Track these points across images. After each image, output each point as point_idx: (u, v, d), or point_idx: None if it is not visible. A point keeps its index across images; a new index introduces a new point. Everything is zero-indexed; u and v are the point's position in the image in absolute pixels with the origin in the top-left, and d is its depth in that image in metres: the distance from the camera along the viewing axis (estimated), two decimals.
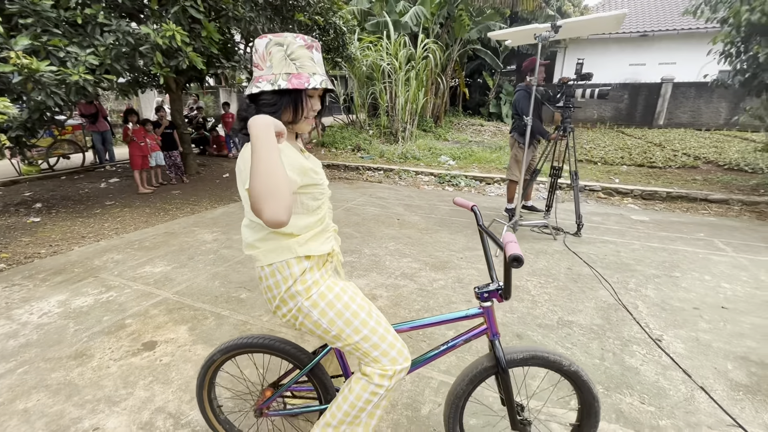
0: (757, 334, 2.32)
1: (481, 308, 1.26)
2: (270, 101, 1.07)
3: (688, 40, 14.03)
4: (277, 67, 1.06)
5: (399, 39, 9.46)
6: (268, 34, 1.09)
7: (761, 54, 4.94)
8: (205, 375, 1.43)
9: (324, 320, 1.15)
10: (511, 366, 1.25)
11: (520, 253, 1.00)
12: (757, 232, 4.21)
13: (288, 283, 1.14)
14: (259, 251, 1.15)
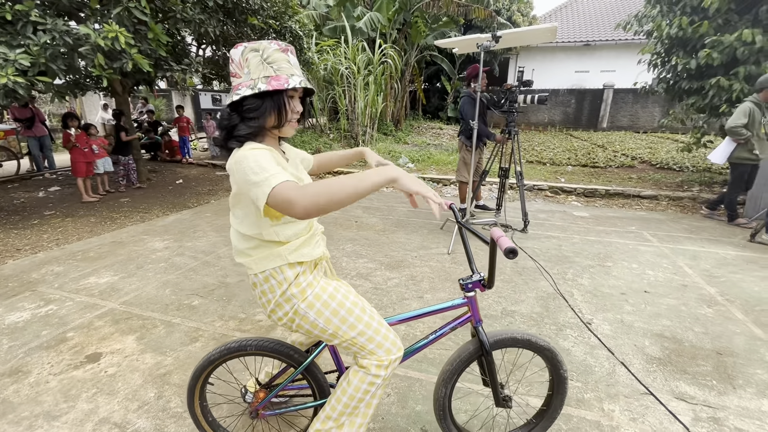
0: (671, 314, 2.61)
1: (466, 298, 1.36)
2: (253, 106, 1.07)
3: (625, 49, 15.20)
4: (255, 72, 1.07)
5: (357, 44, 9.57)
6: (242, 43, 1.10)
7: (680, 64, 5.49)
8: (195, 384, 1.40)
9: (321, 320, 1.18)
10: (494, 348, 1.36)
11: (513, 245, 1.05)
12: (679, 223, 4.68)
13: (283, 288, 1.17)
14: (250, 259, 1.18)
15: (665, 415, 1.76)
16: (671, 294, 2.89)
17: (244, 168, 0.99)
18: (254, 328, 2.40)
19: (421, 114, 16.27)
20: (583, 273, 3.24)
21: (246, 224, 1.16)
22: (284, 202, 0.92)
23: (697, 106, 5.66)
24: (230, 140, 1.09)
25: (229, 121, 1.09)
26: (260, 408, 1.42)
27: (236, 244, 1.21)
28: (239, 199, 1.14)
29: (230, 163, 1.07)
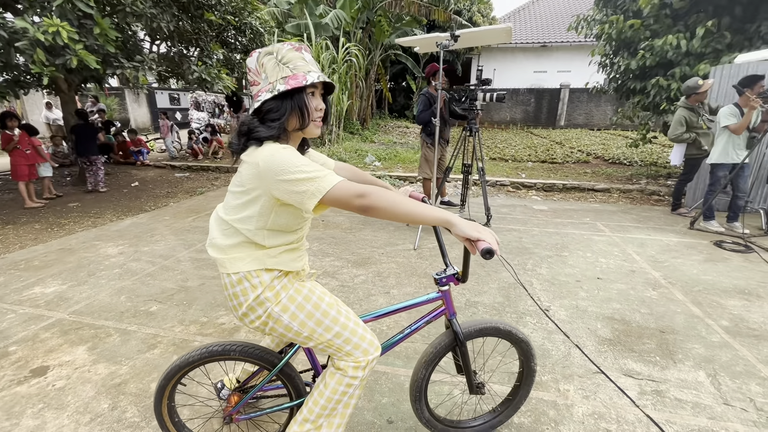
0: (621, 298, 2.79)
1: (440, 292, 1.38)
2: (273, 108, 1.06)
3: (579, 51, 15.98)
4: (272, 75, 1.07)
5: (320, 42, 9.48)
6: (256, 50, 1.10)
7: (623, 64, 5.86)
8: (162, 393, 1.34)
9: (295, 323, 1.15)
10: (468, 339, 1.40)
11: (489, 245, 1.01)
12: (629, 214, 4.99)
13: (257, 291, 1.13)
14: (226, 257, 1.14)
15: (614, 391, 1.88)
16: (621, 279, 3.08)
17: (279, 164, 0.99)
18: (217, 332, 2.34)
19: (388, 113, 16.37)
20: (542, 263, 3.39)
21: (245, 221, 1.11)
22: (354, 195, 0.97)
23: (642, 104, 6.06)
24: (249, 141, 1.07)
25: (249, 125, 1.07)
26: (234, 412, 1.38)
27: (216, 238, 1.17)
28: (254, 196, 1.08)
29: (254, 159, 1.03)
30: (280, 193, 1.01)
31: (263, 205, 1.08)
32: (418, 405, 1.46)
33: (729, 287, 2.96)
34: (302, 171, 0.97)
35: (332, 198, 0.97)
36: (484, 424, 1.60)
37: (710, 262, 3.43)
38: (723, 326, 2.43)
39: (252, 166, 1.04)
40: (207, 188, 6.38)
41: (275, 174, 0.99)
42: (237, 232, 1.13)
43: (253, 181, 1.06)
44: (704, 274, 3.19)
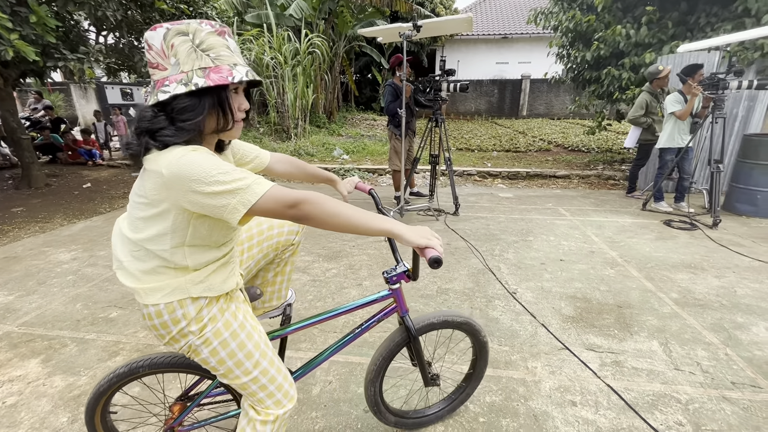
0: (582, 277, 2.94)
1: (391, 290, 1.32)
2: (188, 106, 0.86)
3: (539, 42, 16.47)
4: (187, 63, 0.86)
5: (282, 33, 9.22)
6: (162, 23, 0.87)
7: (579, 55, 6.10)
8: (93, 411, 1.26)
9: (213, 359, 1.03)
10: (420, 334, 1.39)
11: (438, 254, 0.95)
12: (588, 198, 5.24)
13: (180, 325, 0.98)
14: (140, 287, 0.95)
15: (578, 364, 1.98)
16: (582, 260, 3.24)
17: (192, 173, 0.81)
18: None
19: (354, 105, 16.23)
20: (509, 248, 3.50)
21: (157, 240, 0.93)
22: (286, 205, 0.85)
23: (597, 93, 6.35)
24: (151, 143, 0.87)
25: (153, 123, 0.86)
26: (176, 425, 1.30)
27: (124, 261, 0.96)
28: (162, 209, 0.90)
29: (157, 167, 0.84)
30: (194, 206, 0.85)
31: (176, 219, 0.90)
32: (377, 411, 1.47)
33: (677, 262, 3.18)
34: (220, 182, 0.81)
35: (261, 209, 0.84)
36: (452, 404, 1.65)
37: (661, 240, 3.67)
38: (673, 298, 2.62)
39: (155, 175, 0.85)
40: None
41: (184, 185, 0.82)
42: (150, 254, 0.94)
43: (159, 192, 0.87)
44: (656, 251, 3.42)
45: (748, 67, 4.87)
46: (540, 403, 1.74)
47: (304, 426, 1.62)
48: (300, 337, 2.20)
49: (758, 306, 2.52)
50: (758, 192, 4.29)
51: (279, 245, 1.37)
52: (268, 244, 1.36)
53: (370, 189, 1.51)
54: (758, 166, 4.24)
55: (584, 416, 1.66)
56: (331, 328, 2.29)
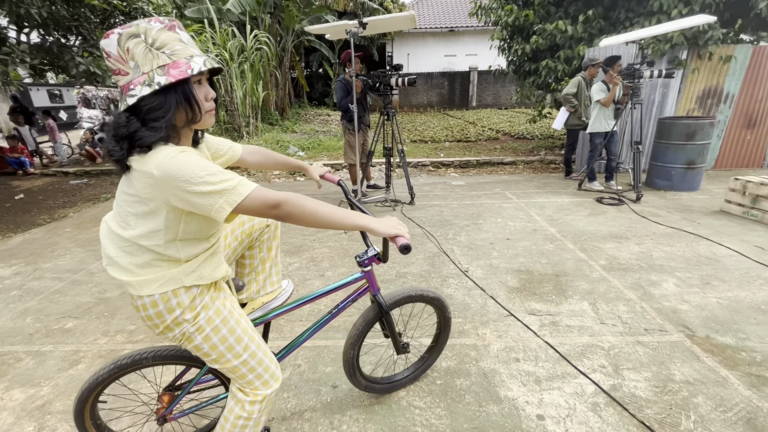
0: (526, 253, 3.24)
1: (363, 272, 1.45)
2: (155, 105, 0.90)
3: (484, 35, 17.09)
4: (145, 64, 0.89)
5: (225, 29, 8.93)
6: (113, 30, 0.89)
7: (519, 48, 6.51)
8: (82, 409, 1.29)
9: (206, 345, 1.09)
10: (391, 309, 1.54)
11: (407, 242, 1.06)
12: (531, 182, 5.66)
13: (175, 314, 1.04)
14: (135, 279, 1.00)
15: (521, 327, 2.24)
16: (526, 238, 3.56)
17: (181, 173, 0.87)
18: (148, 337, 2.26)
19: (307, 101, 16.04)
20: (461, 232, 3.76)
21: (150, 236, 0.98)
22: (269, 206, 0.93)
23: (536, 84, 6.80)
24: (133, 149, 0.91)
25: (128, 128, 0.90)
26: (167, 413, 1.36)
27: (116, 257, 1.01)
28: (153, 207, 0.95)
29: (147, 168, 0.89)
30: (183, 204, 0.91)
31: (168, 216, 0.96)
32: (354, 379, 1.63)
33: (606, 234, 3.59)
34: (207, 183, 0.88)
35: (245, 209, 0.92)
36: (415, 372, 1.83)
37: (593, 216, 4.10)
38: (601, 265, 2.98)
39: (145, 176, 0.90)
40: (112, 194, 5.80)
41: (174, 185, 0.88)
42: (143, 249, 0.99)
43: (149, 191, 0.92)
44: (588, 225, 3.82)
45: (661, 58, 5.48)
46: (489, 362, 1.96)
47: (277, 405, 1.73)
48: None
49: (669, 265, 2.94)
50: (672, 168, 4.87)
51: (253, 229, 1.43)
52: (241, 231, 1.40)
53: (339, 180, 1.62)
54: (672, 146, 4.82)
55: (526, 369, 1.91)
56: (296, 318, 2.40)
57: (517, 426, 1.59)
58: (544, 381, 1.83)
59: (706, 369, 1.87)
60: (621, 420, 1.60)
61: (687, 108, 5.73)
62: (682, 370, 1.87)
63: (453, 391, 1.79)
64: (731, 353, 1.98)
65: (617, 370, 1.88)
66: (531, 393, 1.76)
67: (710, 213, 4.06)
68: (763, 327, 2.18)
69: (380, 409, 1.70)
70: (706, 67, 5.53)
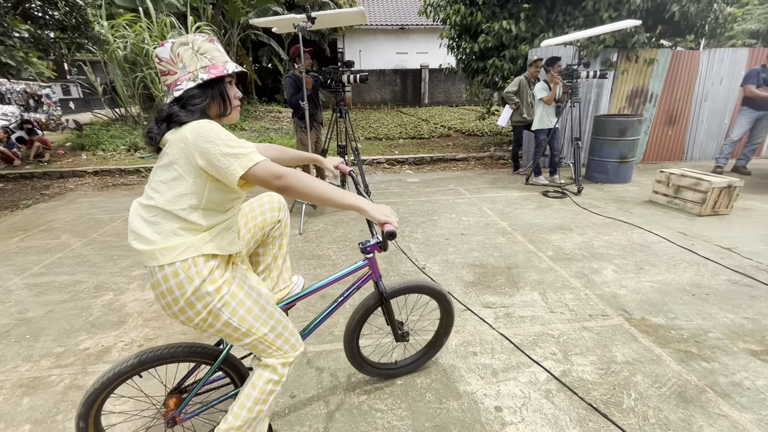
0: (480, 247, 3.33)
1: (366, 259, 1.52)
2: (195, 95, 1.11)
3: (434, 33, 17.41)
4: (191, 65, 1.11)
5: (163, 19, 8.33)
6: (166, 40, 1.17)
7: (467, 47, 6.68)
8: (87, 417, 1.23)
9: (235, 319, 1.16)
10: (391, 297, 1.61)
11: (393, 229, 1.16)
12: (483, 177, 5.85)
13: (194, 284, 1.09)
14: (157, 248, 1.08)
15: (478, 321, 2.29)
16: (479, 232, 3.67)
17: (211, 136, 1.04)
18: (79, 360, 2.03)
19: (257, 97, 15.44)
20: (417, 228, 3.79)
21: (176, 200, 1.09)
22: (276, 176, 1.06)
23: (484, 82, 7.03)
24: (169, 127, 1.10)
25: (169, 111, 1.09)
26: (177, 415, 1.33)
27: (141, 228, 1.10)
28: (183, 171, 1.08)
29: (182, 134, 1.06)
30: (204, 162, 1.05)
31: (195, 182, 1.09)
32: (353, 360, 1.71)
33: (552, 226, 3.79)
34: (228, 145, 1.04)
35: (253, 176, 1.05)
36: (415, 362, 1.89)
37: (540, 209, 4.31)
38: (549, 255, 3.14)
39: (180, 141, 1.07)
40: (35, 200, 5.20)
41: (202, 145, 1.04)
42: (168, 215, 1.10)
43: (181, 154, 1.07)
44: (536, 218, 4.01)
45: (595, 59, 5.88)
46: (448, 358, 1.99)
47: None
48: None
49: (608, 253, 3.16)
50: (608, 162, 5.26)
51: (265, 223, 1.50)
52: (254, 224, 1.48)
53: (350, 170, 1.66)
54: (607, 141, 5.19)
55: (483, 362, 1.96)
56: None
57: (476, 420, 1.62)
58: (500, 372, 1.88)
59: (643, 349, 2.03)
60: (571, 404, 1.69)
61: (618, 106, 6.21)
62: (622, 352, 2.01)
63: (414, 390, 1.79)
64: (663, 332, 2.16)
65: (566, 356, 1.98)
66: (489, 385, 1.80)
67: (641, 203, 4.43)
68: (689, 306, 2.41)
69: (341, 416, 1.65)
70: (633, 68, 6.02)
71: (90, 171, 6.22)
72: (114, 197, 5.10)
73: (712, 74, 6.26)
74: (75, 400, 1.75)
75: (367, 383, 1.83)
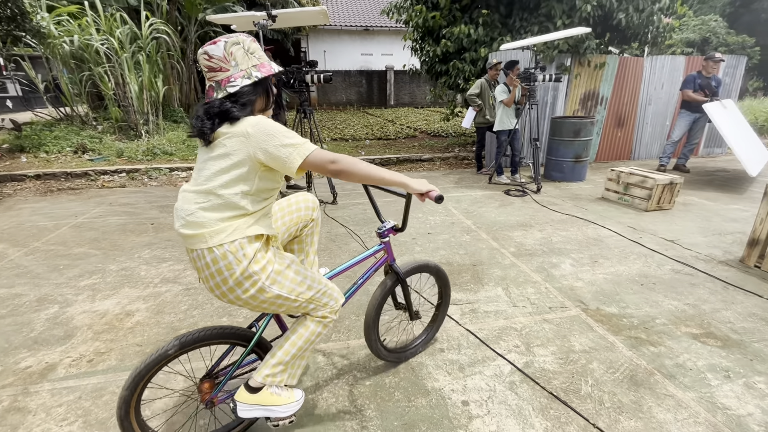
0: (446, 246, 3.39)
1: (382, 243, 1.71)
2: (248, 91, 1.21)
3: (398, 35, 17.56)
4: (244, 63, 1.22)
5: (112, 13, 7.85)
6: (219, 38, 1.19)
7: (430, 50, 6.80)
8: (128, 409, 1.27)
9: (284, 291, 1.28)
10: (406, 277, 1.77)
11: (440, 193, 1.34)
12: (448, 177, 5.97)
13: (242, 265, 1.19)
14: (206, 231, 1.17)
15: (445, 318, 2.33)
16: (445, 231, 3.73)
17: (270, 130, 1.16)
18: (19, 380, 1.87)
19: None
20: None
21: (230, 185, 1.18)
22: (330, 161, 1.18)
23: (447, 84, 7.18)
24: (223, 122, 1.18)
25: (221, 107, 1.18)
26: (214, 397, 1.40)
27: (192, 213, 1.19)
28: (238, 160, 1.17)
29: (242, 129, 1.16)
30: (265, 156, 1.16)
31: (249, 171, 1.19)
32: (371, 341, 1.76)
33: (514, 223, 3.93)
34: (287, 137, 1.16)
35: (310, 162, 1.16)
36: (425, 339, 2.05)
37: (502, 207, 4.45)
38: (511, 252, 3.25)
39: (240, 135, 1.16)
40: None
41: (263, 139, 1.15)
42: (219, 199, 1.18)
43: (240, 147, 1.17)
44: (499, 216, 4.14)
45: (551, 64, 6.16)
46: (416, 357, 2.00)
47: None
48: None
49: (565, 248, 3.31)
50: (564, 162, 5.52)
51: (300, 219, 1.63)
52: (290, 218, 1.60)
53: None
54: (563, 142, 5.45)
55: (450, 358, 1.99)
56: None
57: (444, 415, 1.64)
58: (467, 367, 1.92)
59: (598, 337, 2.14)
60: (534, 394, 1.75)
61: (573, 108, 6.55)
62: (580, 341, 2.11)
63: (383, 390, 1.79)
64: (616, 321, 2.30)
65: (529, 348, 2.06)
66: (456, 381, 1.83)
67: (594, 200, 4.69)
68: (638, 295, 2.57)
69: (308, 421, 1.62)
70: (585, 73, 6.36)
71: (31, 175, 5.74)
72: (59, 203, 4.74)
73: (655, 80, 6.74)
74: (14, 423, 1.60)
75: (335, 386, 1.81)
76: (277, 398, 1.34)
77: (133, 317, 2.37)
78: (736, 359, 1.96)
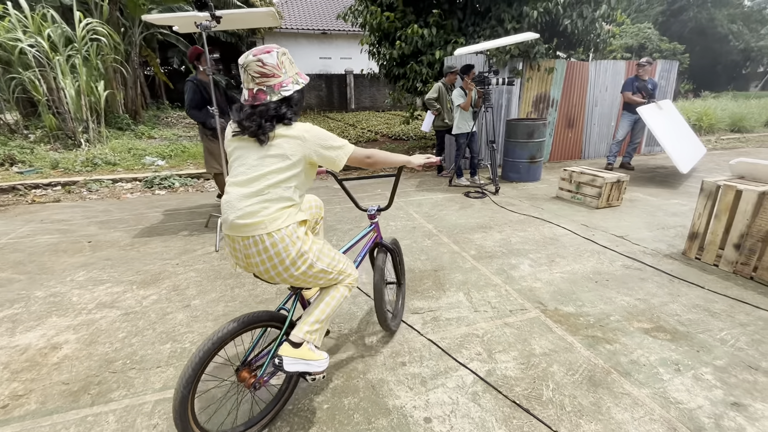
0: (407, 252, 3.33)
1: (372, 224, 2.08)
2: (298, 96, 1.45)
3: (356, 39, 17.43)
4: (290, 71, 1.41)
5: (40, 12, 7.21)
6: (272, 46, 1.38)
7: (387, 53, 6.78)
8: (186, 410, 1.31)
9: (325, 264, 1.49)
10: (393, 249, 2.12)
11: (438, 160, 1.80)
12: (409, 181, 5.95)
13: (297, 246, 1.38)
14: (266, 219, 1.33)
15: (406, 328, 2.26)
16: (407, 236, 3.68)
17: (321, 135, 1.41)
18: None
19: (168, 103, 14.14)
20: (345, 236, 3.69)
21: (285, 182, 1.37)
22: (366, 156, 1.52)
23: (406, 87, 7.19)
24: (279, 123, 1.37)
25: (278, 111, 1.36)
26: (260, 379, 1.48)
27: (249, 205, 1.33)
28: (295, 161, 1.37)
29: (297, 133, 1.37)
30: (317, 156, 1.39)
31: (301, 170, 1.39)
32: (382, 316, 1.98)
33: (474, 225, 3.95)
34: (335, 141, 1.43)
35: (352, 159, 1.47)
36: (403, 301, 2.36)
37: (463, 209, 4.48)
38: (472, 255, 3.24)
39: (297, 139, 1.36)
40: None
41: (317, 143, 1.39)
42: (275, 193, 1.35)
43: (297, 149, 1.37)
44: (460, 219, 4.15)
45: (504, 68, 6.32)
46: (376, 373, 1.91)
47: None
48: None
49: (524, 248, 3.36)
50: (520, 163, 5.67)
51: (316, 215, 1.83)
52: (310, 213, 1.76)
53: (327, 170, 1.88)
54: (518, 143, 5.60)
55: (412, 371, 1.92)
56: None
57: None
58: (429, 380, 1.86)
59: (557, 338, 2.16)
60: (497, 403, 1.71)
61: (526, 111, 6.76)
62: (540, 344, 2.11)
63: (341, 412, 1.68)
64: (573, 320, 2.33)
65: (491, 355, 2.03)
66: (417, 396, 1.76)
67: (549, 199, 4.83)
68: (593, 293, 2.64)
69: None
70: (536, 76, 6.59)
71: None
72: None
73: (599, 83, 7.11)
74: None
75: (289, 413, 1.68)
76: (314, 354, 1.48)
77: (60, 350, 2.11)
78: (684, 351, 2.04)
